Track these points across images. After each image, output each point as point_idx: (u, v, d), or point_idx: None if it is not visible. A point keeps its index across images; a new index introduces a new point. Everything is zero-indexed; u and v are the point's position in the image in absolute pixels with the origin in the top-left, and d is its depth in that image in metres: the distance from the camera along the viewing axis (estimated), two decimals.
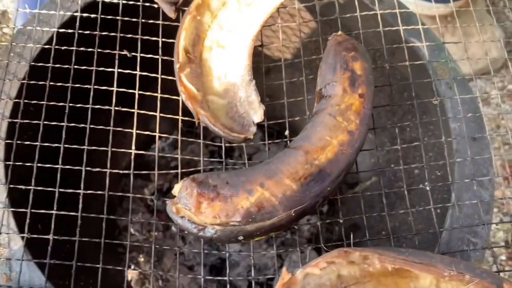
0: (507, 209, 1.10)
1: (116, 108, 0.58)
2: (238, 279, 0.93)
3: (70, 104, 0.58)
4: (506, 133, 0.61)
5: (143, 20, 0.63)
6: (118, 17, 0.63)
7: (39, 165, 0.55)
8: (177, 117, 0.59)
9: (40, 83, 0.59)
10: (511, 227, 1.09)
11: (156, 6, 0.65)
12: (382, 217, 0.58)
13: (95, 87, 0.59)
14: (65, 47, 0.61)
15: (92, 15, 0.63)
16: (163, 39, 0.63)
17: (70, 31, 0.63)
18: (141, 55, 0.62)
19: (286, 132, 0.61)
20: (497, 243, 1.09)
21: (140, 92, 0.60)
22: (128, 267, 0.86)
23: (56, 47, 0.62)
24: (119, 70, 0.60)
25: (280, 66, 0.91)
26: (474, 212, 0.58)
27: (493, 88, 1.25)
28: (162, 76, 0.61)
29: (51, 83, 0.59)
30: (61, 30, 0.64)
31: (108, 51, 0.61)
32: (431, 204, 0.56)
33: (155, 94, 0.60)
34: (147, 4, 0.64)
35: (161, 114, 0.59)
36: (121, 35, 0.62)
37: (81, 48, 0.61)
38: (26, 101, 0.59)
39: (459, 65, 0.67)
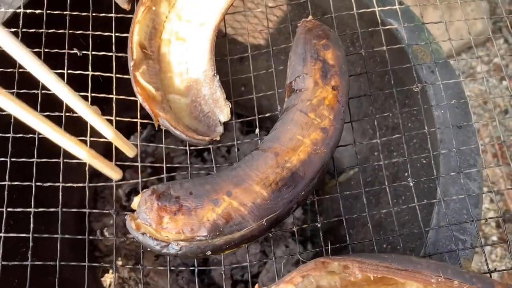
0: (498, 187, 1.06)
1: (68, 114, 0.53)
2: (221, 277, 0.89)
3: None
4: (492, 109, 0.57)
5: (94, 14, 0.58)
6: (66, 12, 0.57)
7: None
8: (135, 120, 0.54)
9: None
10: (502, 206, 1.06)
11: None
12: (368, 207, 0.54)
13: (44, 91, 0.54)
14: None
15: (37, 11, 0.57)
16: (117, 34, 0.57)
17: (12, 30, 0.56)
18: (93, 53, 0.56)
19: (257, 131, 0.56)
20: (487, 223, 1.06)
21: (94, 94, 0.54)
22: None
23: None
24: (69, 72, 0.55)
25: (255, 54, 0.86)
26: (462, 207, 0.54)
27: (479, 62, 1.21)
28: (117, 76, 0.55)
29: None
30: None
31: (56, 50, 0.55)
32: (415, 201, 0.52)
33: (110, 96, 0.54)
34: None
35: (118, 118, 0.54)
36: (70, 31, 0.57)
37: None
38: None
39: (441, 46, 0.62)
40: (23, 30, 0.56)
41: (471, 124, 0.56)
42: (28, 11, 0.57)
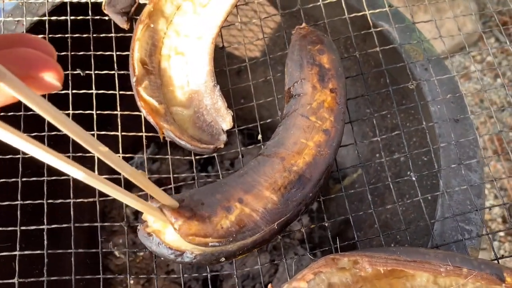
0: (501, 183, 1.07)
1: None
2: None
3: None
4: (489, 107, 0.58)
5: (94, 35, 0.60)
6: (67, 35, 0.59)
7: None
8: (140, 134, 0.55)
9: None
10: (507, 201, 1.07)
11: (107, 18, 0.61)
12: (373, 207, 0.55)
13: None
14: None
15: (40, 36, 0.59)
16: (118, 53, 0.59)
17: None
18: (96, 72, 0.58)
19: (259, 137, 0.57)
20: (493, 219, 1.07)
21: (98, 112, 0.56)
22: None
23: None
24: (74, 91, 0.57)
25: (252, 65, 0.88)
26: (465, 197, 0.55)
27: (472, 62, 1.23)
28: (121, 92, 0.57)
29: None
30: None
31: None
32: (419, 195, 0.53)
33: (115, 112, 0.56)
34: (97, 17, 0.60)
35: (123, 133, 0.55)
36: (72, 53, 0.58)
37: None
38: None
39: (432, 45, 0.64)
40: None
41: (468, 117, 0.57)
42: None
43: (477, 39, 1.30)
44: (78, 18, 0.61)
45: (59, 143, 0.57)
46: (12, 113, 0.55)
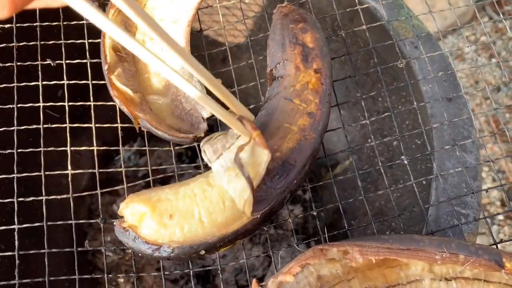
0: (498, 166, 1.04)
1: (45, 126, 0.51)
2: (227, 284, 0.87)
3: None
4: (484, 87, 0.55)
5: (65, 23, 0.56)
6: (36, 23, 0.56)
7: None
8: (115, 125, 0.52)
9: None
10: (505, 182, 1.04)
11: None
12: (366, 198, 0.51)
13: (19, 105, 0.52)
14: None
15: (6, 25, 0.56)
16: (90, 40, 0.56)
17: None
18: (67, 61, 0.54)
19: None
20: (492, 203, 1.04)
21: (71, 103, 0.53)
22: None
23: None
24: (44, 83, 0.53)
25: (236, 52, 0.85)
26: (460, 180, 0.52)
27: (466, 42, 1.19)
28: (94, 82, 0.54)
29: None
30: None
31: (29, 63, 0.54)
32: (412, 179, 0.50)
33: (87, 103, 0.53)
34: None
35: (97, 125, 0.52)
36: (42, 42, 0.55)
37: None
38: None
39: (422, 22, 0.60)
40: None
41: (461, 95, 0.55)
42: None
43: (470, 18, 1.27)
44: None
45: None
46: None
